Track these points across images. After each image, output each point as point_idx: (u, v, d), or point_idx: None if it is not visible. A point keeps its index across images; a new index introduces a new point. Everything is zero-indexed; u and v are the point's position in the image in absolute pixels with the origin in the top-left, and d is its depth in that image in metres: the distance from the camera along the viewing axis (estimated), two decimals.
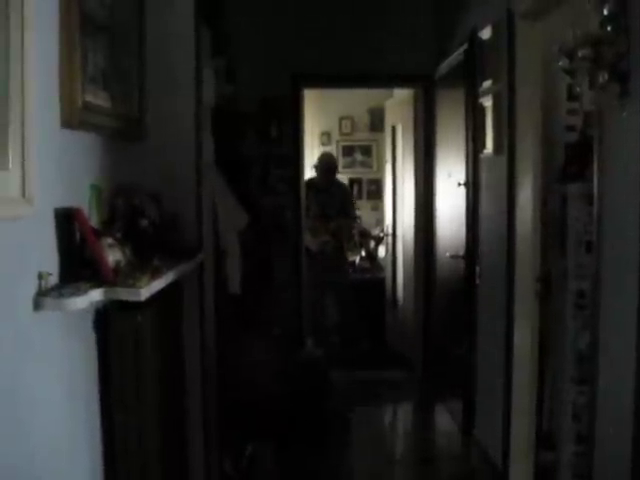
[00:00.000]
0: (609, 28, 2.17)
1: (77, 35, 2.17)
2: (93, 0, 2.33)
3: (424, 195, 6.46)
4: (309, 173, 9.67)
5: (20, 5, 1.75)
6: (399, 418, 6.30)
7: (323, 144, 10.39)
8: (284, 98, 6.13)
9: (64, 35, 2.12)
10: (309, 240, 6.95)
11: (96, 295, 2.09)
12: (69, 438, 2.17)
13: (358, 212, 8.67)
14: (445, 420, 5.64)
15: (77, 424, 2.23)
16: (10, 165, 1.73)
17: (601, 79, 2.23)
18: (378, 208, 9.27)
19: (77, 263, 2.12)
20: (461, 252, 5.13)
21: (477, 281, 4.87)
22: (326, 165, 7.56)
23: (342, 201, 7.62)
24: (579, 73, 2.36)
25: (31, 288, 1.90)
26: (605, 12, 2.25)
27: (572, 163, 3.85)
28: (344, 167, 10.38)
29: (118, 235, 2.36)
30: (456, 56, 5.27)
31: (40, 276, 1.93)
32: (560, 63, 2.44)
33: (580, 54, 2.27)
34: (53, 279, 2.00)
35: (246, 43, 5.63)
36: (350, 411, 5.55)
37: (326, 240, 7.29)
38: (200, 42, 3.34)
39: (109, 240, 2.26)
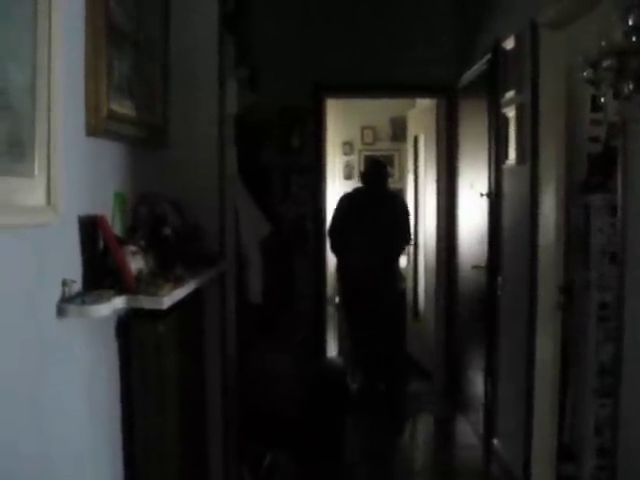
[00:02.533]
0: (634, 38, 2.16)
1: (103, 44, 2.19)
2: (119, 10, 2.36)
3: (446, 205, 6.44)
4: (334, 183, 9.71)
5: (47, 14, 1.77)
6: (419, 430, 6.26)
7: (345, 154, 10.41)
8: (306, 107, 6.15)
9: (90, 44, 2.14)
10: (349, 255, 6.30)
11: (119, 303, 2.10)
12: (90, 445, 2.17)
13: None
14: (466, 432, 5.61)
15: (98, 431, 2.24)
16: (36, 172, 1.75)
17: (626, 89, 2.22)
18: None
19: (100, 271, 2.14)
20: (483, 263, 5.11)
21: (499, 292, 4.84)
22: (375, 172, 6.49)
23: (395, 218, 6.41)
24: (603, 84, 2.34)
25: (55, 295, 1.91)
26: (630, 22, 2.24)
27: (595, 174, 3.83)
28: None
29: (141, 243, 2.37)
30: (479, 66, 5.26)
31: (64, 283, 1.94)
32: (584, 74, 2.43)
33: (604, 64, 2.26)
34: (76, 286, 2.02)
35: (269, 52, 5.65)
36: (370, 421, 5.55)
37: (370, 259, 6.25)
38: (224, 52, 3.36)
39: (132, 248, 2.27)
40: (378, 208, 6.30)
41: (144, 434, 2.40)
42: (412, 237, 6.78)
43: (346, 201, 6.54)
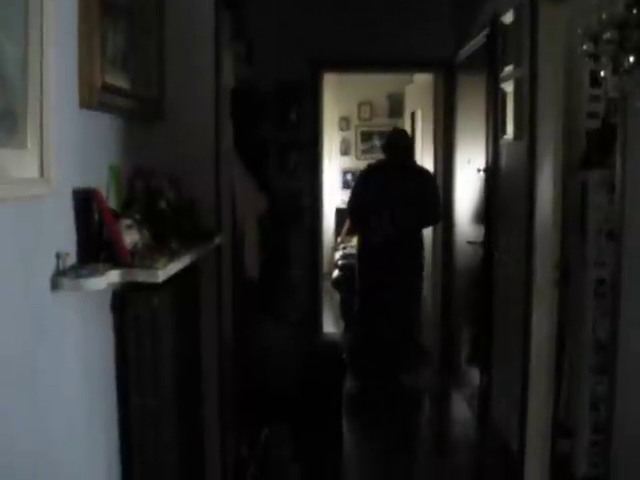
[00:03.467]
0: (635, 10, 2.14)
1: (96, 16, 2.15)
2: None
3: (443, 181, 6.43)
4: (330, 159, 9.68)
5: None
6: (415, 406, 6.29)
7: (342, 129, 10.38)
8: (303, 82, 6.12)
9: (83, 16, 2.10)
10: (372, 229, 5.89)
11: (113, 276, 2.08)
12: (86, 420, 2.17)
13: None
14: (461, 408, 5.63)
15: (94, 406, 2.24)
16: (28, 144, 1.73)
17: (626, 63, 2.20)
18: None
19: (95, 244, 2.12)
20: (479, 238, 5.10)
21: (495, 268, 4.84)
22: (398, 143, 6.05)
23: (421, 192, 5.91)
24: (603, 57, 2.32)
25: (49, 268, 1.89)
26: None
27: (593, 150, 3.81)
28: (363, 152, 10.36)
29: (136, 217, 2.35)
30: (477, 41, 5.22)
31: (58, 256, 1.92)
32: (584, 47, 2.40)
33: (605, 37, 2.23)
34: (71, 259, 2.00)
35: (266, 27, 5.61)
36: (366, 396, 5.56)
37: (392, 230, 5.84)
38: (220, 24, 3.32)
39: (127, 222, 2.25)
40: (402, 183, 5.86)
41: (140, 408, 2.40)
42: (440, 216, 6.07)
43: (366, 176, 6.21)
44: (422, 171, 6.24)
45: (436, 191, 6.04)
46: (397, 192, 5.81)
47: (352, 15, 6.04)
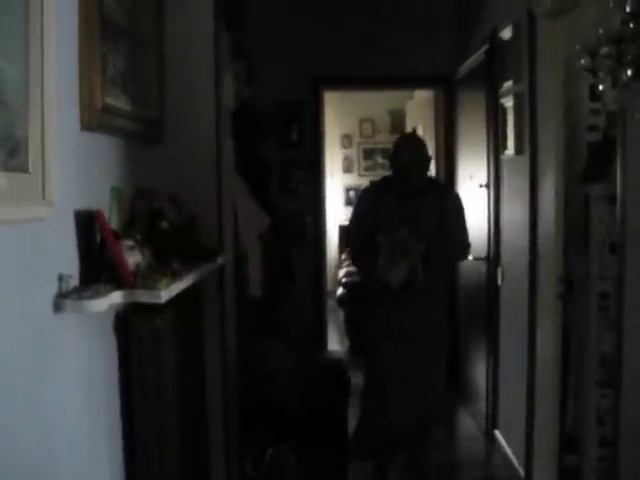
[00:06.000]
0: (632, 25, 2.14)
1: (96, 38, 2.17)
2: (112, 3, 2.34)
3: None
4: (332, 177, 9.68)
5: (39, 8, 1.76)
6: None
7: (344, 147, 10.40)
8: (304, 100, 6.14)
9: (83, 38, 2.12)
10: (382, 268, 4.13)
11: (116, 297, 2.09)
12: (89, 440, 2.17)
13: None
14: (468, 423, 5.60)
15: (97, 426, 2.23)
16: (30, 167, 1.74)
17: (624, 77, 2.20)
18: None
19: (97, 265, 2.13)
20: (483, 254, 5.10)
21: (499, 283, 4.83)
22: (410, 152, 4.26)
23: (442, 218, 4.28)
24: (601, 72, 2.32)
25: (51, 290, 1.90)
26: (628, 9, 2.22)
27: (595, 163, 3.81)
28: (365, 169, 10.37)
29: (138, 237, 2.36)
30: (476, 57, 5.24)
31: (60, 278, 1.93)
32: (582, 62, 2.41)
33: (602, 52, 2.24)
34: (73, 281, 2.00)
35: (266, 46, 5.65)
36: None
37: (411, 267, 4.13)
38: (219, 45, 3.34)
39: (129, 242, 2.26)
40: (416, 205, 4.25)
41: (143, 428, 2.39)
42: (470, 246, 4.49)
43: (370, 197, 4.46)
44: (443, 188, 4.81)
45: (461, 214, 4.44)
46: (410, 218, 4.19)
47: (352, 33, 6.07)
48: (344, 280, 8.20)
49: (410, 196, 4.24)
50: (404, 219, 4.17)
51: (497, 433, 4.99)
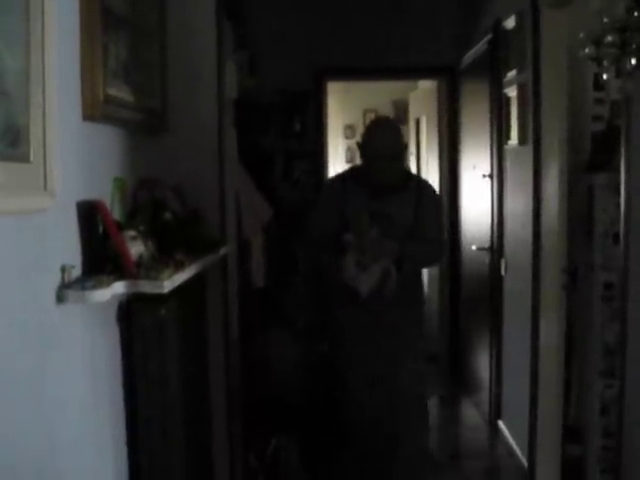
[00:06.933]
0: (636, 13, 2.13)
1: (98, 28, 2.16)
2: None
3: (449, 187, 6.42)
4: (335, 167, 9.66)
5: None
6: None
7: (347, 137, 10.38)
8: (307, 91, 6.12)
9: (85, 28, 2.11)
10: (349, 272, 3.64)
11: (119, 288, 2.08)
12: (92, 430, 2.17)
13: None
14: (471, 413, 5.61)
15: (101, 417, 2.24)
16: (31, 158, 1.73)
17: (628, 66, 2.19)
18: None
19: (100, 256, 2.12)
20: (487, 244, 5.09)
21: (503, 273, 4.83)
22: (383, 137, 3.71)
23: (417, 216, 3.78)
24: (606, 60, 2.31)
25: (54, 281, 1.90)
26: None
27: (599, 153, 3.80)
28: None
29: (141, 228, 2.35)
30: (480, 47, 5.23)
31: (63, 269, 1.93)
32: (586, 51, 2.39)
33: (606, 41, 2.23)
34: (76, 272, 2.00)
35: (269, 37, 5.63)
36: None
37: (383, 272, 3.64)
38: (222, 35, 3.33)
39: (132, 233, 2.25)
40: (389, 201, 3.74)
41: (147, 419, 2.40)
42: (446, 248, 4.15)
43: (336, 190, 3.92)
44: (418, 181, 4.11)
45: (438, 211, 4.05)
46: (381, 215, 3.68)
47: (355, 23, 6.05)
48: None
49: (382, 191, 3.72)
50: (375, 217, 3.63)
51: (500, 423, 5.00)
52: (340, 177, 4.05)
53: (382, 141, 3.68)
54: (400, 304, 3.75)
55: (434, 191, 4.13)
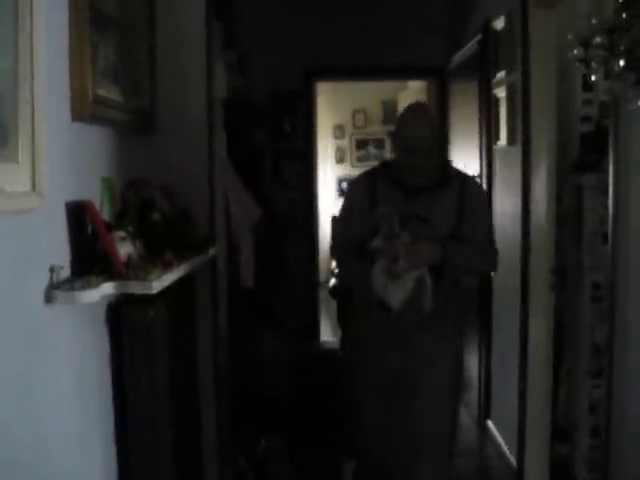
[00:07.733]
0: (624, 15, 2.14)
1: (87, 28, 2.15)
2: None
3: None
4: (325, 167, 9.66)
5: None
6: None
7: (336, 137, 10.39)
8: (297, 91, 6.13)
9: (74, 28, 2.11)
10: (378, 283, 3.06)
11: (107, 288, 2.08)
12: (81, 431, 2.16)
13: None
14: (460, 413, 5.61)
15: (89, 417, 2.23)
16: (20, 158, 1.73)
17: (616, 68, 2.20)
18: None
19: (89, 256, 2.12)
20: None
21: (492, 273, 4.84)
22: (419, 128, 3.09)
23: (461, 215, 3.15)
24: (594, 62, 2.32)
25: (43, 281, 1.89)
26: None
27: (588, 153, 3.82)
28: (358, 160, 10.36)
29: (130, 229, 2.35)
30: (469, 47, 5.23)
31: (52, 269, 1.92)
32: (575, 52, 2.40)
33: (595, 42, 2.24)
34: (65, 272, 2.00)
35: (258, 36, 5.62)
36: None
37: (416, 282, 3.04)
38: (211, 35, 3.32)
39: (120, 233, 2.25)
40: (427, 200, 3.16)
41: (136, 419, 2.39)
42: (498, 254, 3.36)
43: (365, 189, 3.30)
44: (461, 177, 3.34)
45: (489, 214, 3.55)
46: (419, 216, 3.12)
47: (345, 23, 6.05)
48: (337, 271, 8.19)
49: (419, 189, 3.15)
50: (410, 218, 3.07)
51: (489, 423, 5.01)
52: (370, 173, 3.41)
53: (418, 131, 3.09)
54: (437, 330, 3.17)
55: (480, 187, 3.75)
